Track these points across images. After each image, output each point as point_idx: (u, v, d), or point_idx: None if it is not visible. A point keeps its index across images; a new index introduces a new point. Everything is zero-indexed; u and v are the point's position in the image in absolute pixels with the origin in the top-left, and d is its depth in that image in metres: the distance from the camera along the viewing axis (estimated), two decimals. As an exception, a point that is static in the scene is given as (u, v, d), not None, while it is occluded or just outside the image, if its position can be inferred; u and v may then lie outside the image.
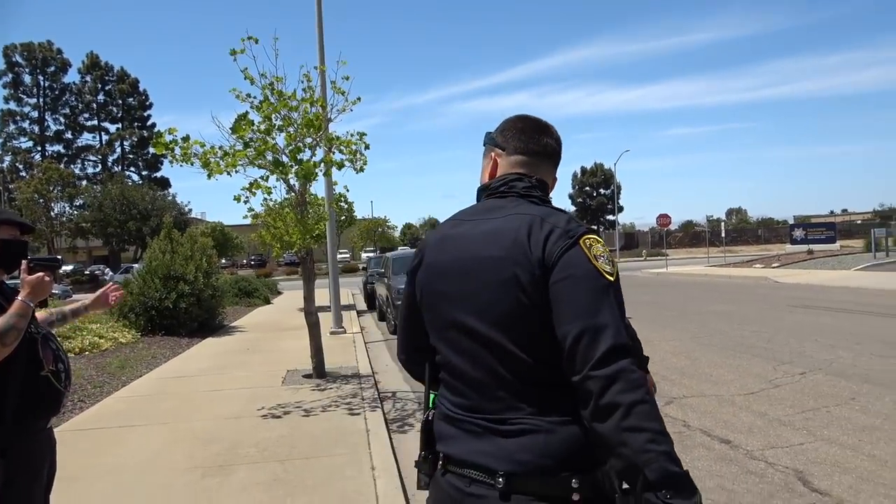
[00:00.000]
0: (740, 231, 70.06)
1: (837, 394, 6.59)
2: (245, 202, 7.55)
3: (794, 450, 5.07)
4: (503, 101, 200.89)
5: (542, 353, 1.37)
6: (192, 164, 6.68)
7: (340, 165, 7.07)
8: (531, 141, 1.61)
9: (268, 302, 21.83)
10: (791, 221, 63.16)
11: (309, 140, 7.16)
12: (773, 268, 27.76)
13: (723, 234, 43.47)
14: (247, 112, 6.77)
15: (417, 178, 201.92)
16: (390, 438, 5.78)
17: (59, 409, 2.46)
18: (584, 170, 63.27)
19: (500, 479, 1.36)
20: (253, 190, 7.32)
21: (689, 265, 35.42)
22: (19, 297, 2.27)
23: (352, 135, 7.31)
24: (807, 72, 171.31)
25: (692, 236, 65.27)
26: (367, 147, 7.07)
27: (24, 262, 2.34)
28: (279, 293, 26.37)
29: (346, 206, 20.46)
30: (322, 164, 6.88)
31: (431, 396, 1.68)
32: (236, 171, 6.81)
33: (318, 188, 12.61)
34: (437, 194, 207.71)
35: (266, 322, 15.76)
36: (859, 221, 74.47)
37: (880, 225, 40.06)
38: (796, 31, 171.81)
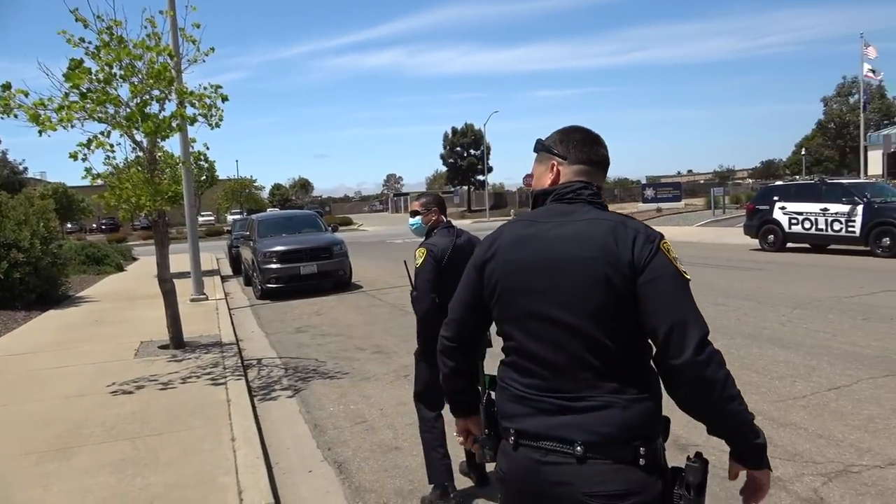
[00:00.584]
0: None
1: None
2: (83, 160, 6.84)
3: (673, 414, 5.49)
4: (375, 58, 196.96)
5: (623, 340, 1.61)
6: (15, 118, 5.92)
7: (193, 120, 6.56)
8: (591, 152, 1.82)
9: (120, 269, 20.26)
10: (644, 182, 67.88)
11: (157, 93, 6.57)
12: (627, 225, 29.78)
13: (584, 194, 45.84)
14: (81, 59, 6.08)
15: (287, 136, 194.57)
16: (253, 407, 5.61)
17: None
18: (454, 130, 63.88)
19: (579, 448, 1.57)
20: (92, 147, 6.64)
21: (553, 224, 37.09)
22: None
23: (206, 87, 6.80)
24: (662, 39, 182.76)
25: (556, 196, 68.33)
26: (224, 100, 6.59)
27: None
28: (134, 259, 24.57)
29: (206, 166, 19.26)
30: (174, 120, 6.35)
31: (486, 379, 1.87)
32: (72, 126, 6.13)
33: (173, 146, 11.72)
34: (308, 153, 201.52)
35: (118, 291, 14.63)
36: (702, 181, 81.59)
37: (719, 184, 44.13)
38: (652, 1, 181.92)
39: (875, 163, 38.55)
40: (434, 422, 3.80)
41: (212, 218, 59.88)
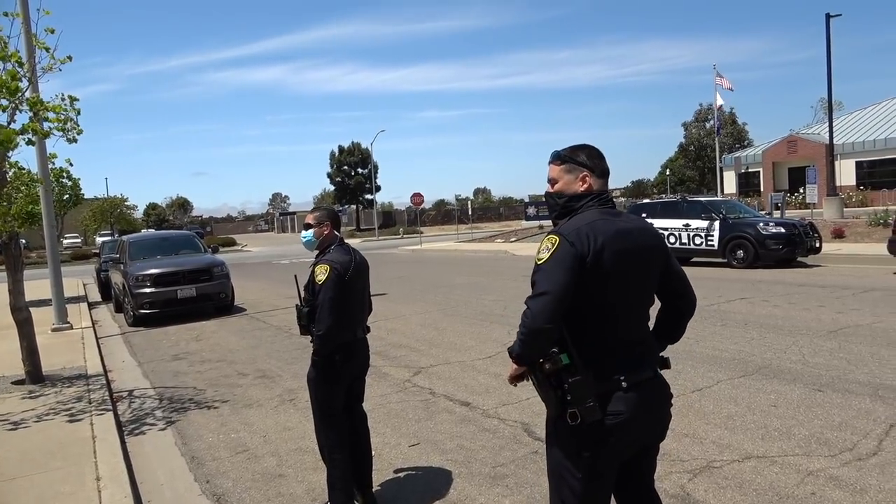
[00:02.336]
0: (485, 209, 76.35)
1: (558, 351, 7.50)
2: (-82, 177, 6.12)
3: (522, 405, 5.65)
4: (258, 73, 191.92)
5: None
6: None
7: (46, 134, 6.03)
8: (606, 166, 2.37)
9: (-32, 298, 18.21)
10: (526, 200, 70.42)
11: (4, 102, 6.01)
12: (511, 242, 30.78)
13: (470, 213, 46.95)
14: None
15: (163, 153, 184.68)
16: (123, 443, 5.21)
17: None
18: (341, 149, 63.26)
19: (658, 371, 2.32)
20: (-72, 162, 5.96)
21: (441, 241, 37.63)
22: None
23: (62, 98, 6.30)
24: (540, 64, 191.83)
25: (444, 214, 69.45)
26: (78, 113, 6.12)
27: None
28: (-15, 287, 22.19)
29: (69, 183, 17.85)
30: (24, 132, 5.82)
31: (564, 356, 2.12)
32: None
33: (29, 161, 10.75)
34: (186, 171, 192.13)
35: (-36, 322, 13.12)
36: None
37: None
38: (532, 27, 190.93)
39: (730, 182, 42.41)
40: (343, 442, 3.72)
41: (78, 240, 55.47)
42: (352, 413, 3.94)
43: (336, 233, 3.91)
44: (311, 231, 3.82)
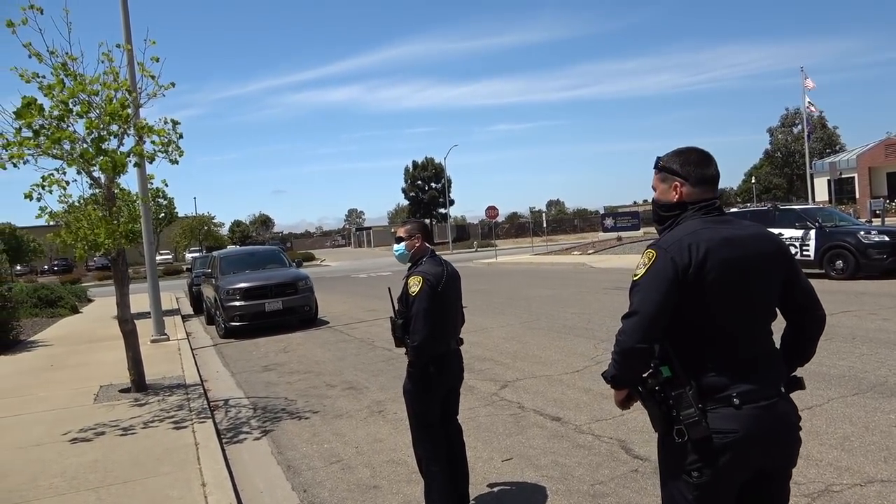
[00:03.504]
0: (559, 221, 75.42)
1: (649, 366, 7.25)
2: (38, 199, 6.61)
3: (616, 421, 5.47)
4: (333, 93, 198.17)
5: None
6: (-35, 155, 5.70)
7: (152, 158, 6.40)
8: (707, 172, 2.23)
9: (76, 311, 19.55)
10: (602, 211, 69.13)
11: (115, 128, 6.42)
12: (589, 254, 30.19)
13: (544, 225, 46.49)
14: (34, 97, 5.91)
15: (244, 173, 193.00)
16: (223, 450, 5.38)
17: None
18: (415, 164, 64.29)
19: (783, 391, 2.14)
20: (47, 186, 6.42)
21: (516, 254, 37.41)
22: None
23: (164, 122, 6.67)
24: (609, 75, 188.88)
25: (518, 227, 69.14)
26: (180, 136, 6.46)
27: None
28: (90, 301, 23.77)
29: (165, 203, 18.94)
30: (132, 155, 6.19)
31: (665, 368, 2.04)
32: (24, 163, 5.92)
33: (130, 183, 11.45)
34: (266, 190, 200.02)
35: (74, 334, 14.08)
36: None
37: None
38: (600, 37, 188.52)
39: (821, 189, 40.21)
40: (439, 454, 3.73)
41: (169, 256, 58.58)
42: (448, 425, 3.91)
43: (427, 245, 3.92)
44: (402, 244, 3.86)
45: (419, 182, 63.81)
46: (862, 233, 14.22)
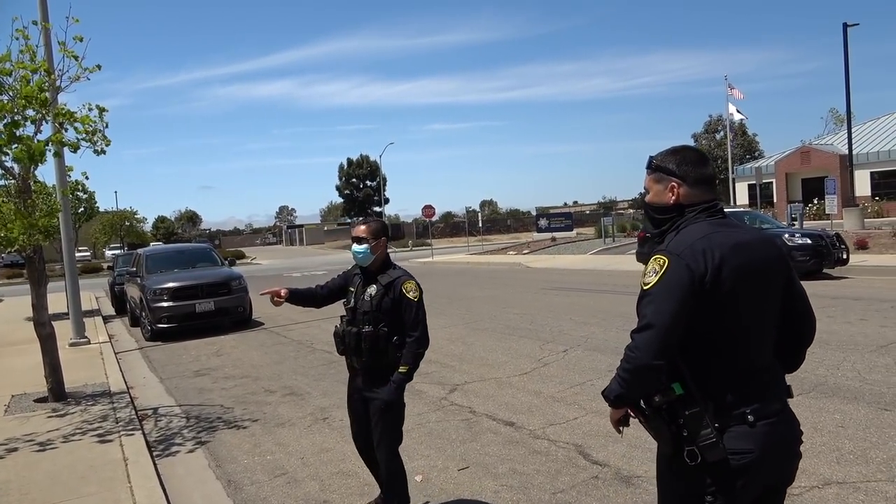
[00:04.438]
0: (493, 221, 76.06)
1: (597, 367, 7.24)
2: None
3: (571, 425, 5.39)
4: (265, 87, 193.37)
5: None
6: None
7: (76, 147, 5.86)
8: (704, 172, 2.11)
9: (-19, 312, 18.08)
10: (534, 213, 70.20)
11: (31, 112, 5.84)
12: (524, 254, 30.50)
13: (480, 225, 46.76)
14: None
15: (169, 167, 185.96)
16: (155, 465, 4.96)
17: None
18: (350, 161, 63.43)
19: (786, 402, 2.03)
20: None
21: (451, 254, 37.38)
22: None
23: (89, 109, 6.13)
24: (542, 78, 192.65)
25: (452, 226, 69.22)
26: (107, 125, 5.94)
27: None
28: (-2, 300, 22.10)
29: (84, 196, 17.80)
30: (51, 144, 5.65)
31: (676, 386, 1.88)
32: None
33: (47, 174, 10.64)
34: (192, 185, 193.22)
35: (-21, 337, 12.96)
36: (588, 212, 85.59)
37: (605, 215, 46.45)
38: (535, 40, 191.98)
39: (742, 193, 42.15)
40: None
41: (88, 254, 55.47)
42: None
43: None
44: (365, 246, 3.57)
45: (354, 180, 63.01)
46: (786, 235, 14.83)
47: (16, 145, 5.46)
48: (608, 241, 30.85)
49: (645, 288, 1.91)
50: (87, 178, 11.40)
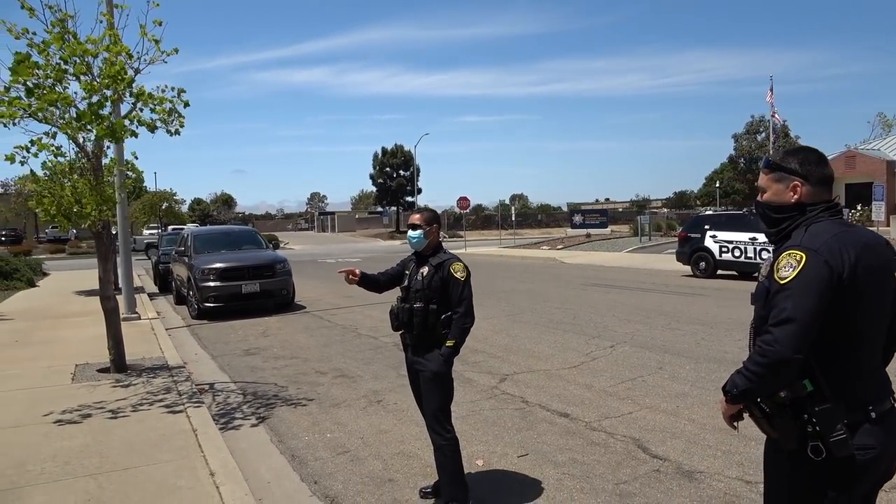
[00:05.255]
0: (524, 215, 75.69)
1: (646, 364, 7.25)
2: (22, 163, 6.20)
3: (626, 419, 5.43)
4: (300, 74, 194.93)
5: None
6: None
7: (153, 127, 6.05)
8: (826, 172, 2.14)
9: (32, 285, 18.70)
10: (564, 208, 69.68)
11: (109, 92, 6.04)
12: (558, 249, 30.39)
13: (513, 218, 46.64)
14: (28, 52, 5.50)
15: (205, 150, 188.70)
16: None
17: None
18: (384, 150, 63.56)
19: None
20: (33, 150, 6.03)
21: (484, 246, 37.41)
22: None
23: (163, 90, 6.31)
24: (578, 73, 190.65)
25: (483, 219, 69.15)
26: (186, 105, 6.11)
27: None
28: (45, 274, 22.79)
29: (133, 176, 18.20)
30: (133, 122, 5.84)
31: (806, 382, 1.92)
32: (14, 125, 5.53)
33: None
34: (226, 169, 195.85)
35: (34, 309, 13.43)
36: (620, 209, 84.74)
37: (638, 213, 45.97)
38: (571, 35, 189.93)
39: (782, 196, 41.27)
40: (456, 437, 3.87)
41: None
42: None
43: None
44: (420, 232, 3.90)
45: (387, 169, 63.15)
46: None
47: (97, 123, 5.66)
48: (644, 240, 30.56)
49: (782, 283, 1.92)
50: (136, 158, 11.66)
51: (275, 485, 4.42)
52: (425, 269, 3.83)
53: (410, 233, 3.91)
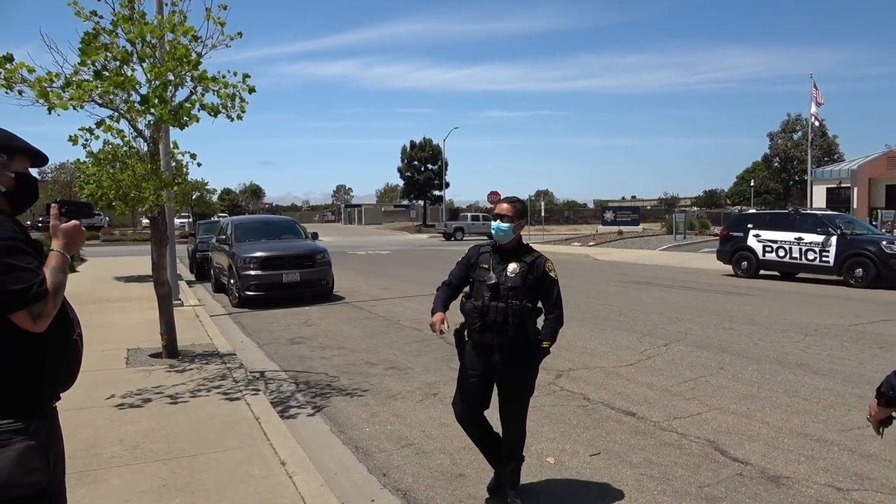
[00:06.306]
0: (550, 212, 75.05)
1: (706, 364, 7.05)
2: (84, 146, 6.21)
3: (696, 419, 5.26)
4: (327, 67, 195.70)
5: None
6: (20, 94, 5.26)
7: (216, 111, 5.99)
8: None
9: (73, 270, 18.95)
10: (591, 205, 68.98)
11: (171, 77, 6.00)
12: (590, 246, 30.05)
13: (542, 214, 46.27)
14: (97, 32, 5.47)
15: (231, 141, 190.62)
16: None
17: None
18: (412, 144, 63.52)
19: None
20: (97, 132, 6.02)
21: (513, 242, 37.13)
22: (55, 248, 2.01)
23: (224, 75, 6.24)
24: (608, 69, 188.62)
25: (510, 215, 68.70)
26: (251, 91, 6.05)
27: (54, 205, 2.06)
28: (83, 260, 23.13)
29: (174, 164, 18.34)
30: (198, 106, 5.80)
31: None
32: (81, 107, 5.51)
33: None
34: (253, 159, 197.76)
35: (78, 293, 13.56)
36: (648, 207, 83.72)
37: (668, 211, 45.32)
38: (599, 31, 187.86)
39: (819, 196, 40.37)
40: None
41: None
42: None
43: None
44: (509, 224, 3.65)
45: (416, 162, 63.08)
46: (884, 242, 14.15)
47: (162, 107, 5.62)
48: (678, 238, 30.08)
49: None
50: (176, 147, 11.71)
51: (342, 476, 4.34)
52: (515, 266, 3.59)
53: (498, 223, 3.65)
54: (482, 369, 3.71)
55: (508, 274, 3.59)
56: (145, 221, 54.19)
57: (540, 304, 3.69)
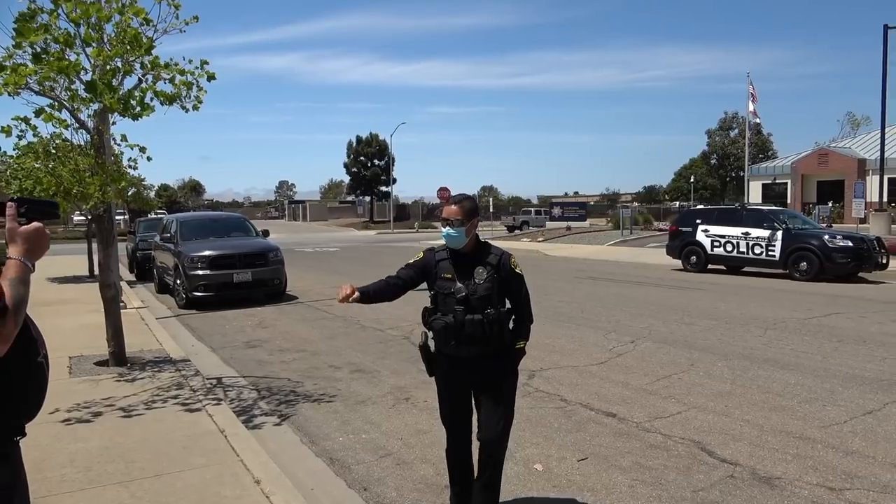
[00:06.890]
0: (496, 207, 75.70)
1: (676, 361, 7.03)
2: (19, 137, 5.67)
3: (677, 419, 5.19)
4: (270, 60, 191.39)
5: None
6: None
7: (171, 99, 5.55)
8: None
9: (-1, 270, 17.75)
10: (534, 201, 69.79)
11: (119, 62, 5.53)
12: (540, 241, 30.28)
13: (491, 210, 46.45)
14: (34, 10, 4.97)
15: (170, 135, 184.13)
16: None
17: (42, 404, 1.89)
18: (359, 139, 62.72)
19: None
20: (33, 123, 5.50)
21: (463, 237, 37.08)
22: (14, 256, 1.74)
23: (176, 62, 5.79)
24: (550, 66, 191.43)
25: (457, 210, 68.77)
26: (210, 79, 5.62)
27: (10, 204, 1.78)
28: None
29: (128, 159, 17.39)
30: (152, 95, 5.35)
31: None
32: (18, 94, 4.99)
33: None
34: (192, 154, 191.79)
35: (7, 295, 12.65)
36: (592, 203, 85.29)
37: (611, 206, 46.22)
38: (545, 28, 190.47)
39: (755, 192, 41.98)
40: None
41: (83, 218, 54.66)
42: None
43: None
44: (459, 229, 3.23)
45: (362, 158, 62.33)
46: (827, 237, 14.65)
47: (109, 95, 5.15)
48: (626, 233, 30.64)
49: None
50: (125, 139, 11.06)
51: (320, 491, 4.05)
52: (482, 271, 3.22)
53: (447, 230, 3.24)
54: (459, 389, 3.40)
55: (477, 281, 3.22)
56: (77, 219, 51.86)
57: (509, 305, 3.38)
